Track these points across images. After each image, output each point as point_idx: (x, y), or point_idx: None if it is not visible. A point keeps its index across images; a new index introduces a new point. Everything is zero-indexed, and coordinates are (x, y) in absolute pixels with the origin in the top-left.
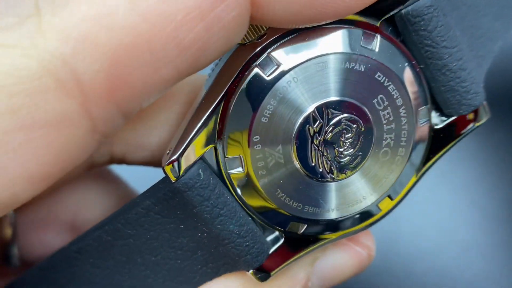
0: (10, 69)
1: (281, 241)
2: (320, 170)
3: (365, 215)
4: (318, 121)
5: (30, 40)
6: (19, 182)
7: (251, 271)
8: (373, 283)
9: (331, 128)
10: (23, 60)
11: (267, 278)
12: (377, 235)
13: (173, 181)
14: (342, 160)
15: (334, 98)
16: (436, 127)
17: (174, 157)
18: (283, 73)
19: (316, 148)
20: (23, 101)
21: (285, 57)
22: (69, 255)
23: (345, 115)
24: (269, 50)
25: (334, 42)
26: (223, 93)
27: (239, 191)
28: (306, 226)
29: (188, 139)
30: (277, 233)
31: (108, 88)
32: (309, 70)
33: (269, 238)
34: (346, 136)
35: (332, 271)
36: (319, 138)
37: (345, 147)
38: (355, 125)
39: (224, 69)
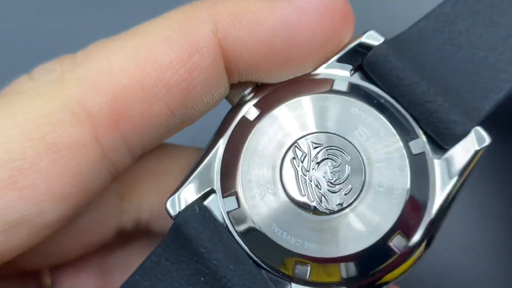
0: (40, 109)
1: None
2: (313, 201)
3: (379, 254)
4: (302, 154)
5: (55, 90)
6: (45, 198)
7: None
8: None
9: (315, 160)
10: (49, 102)
11: None
12: None
13: (173, 217)
14: (334, 190)
15: (313, 131)
16: (438, 159)
17: (173, 194)
18: (264, 115)
19: (304, 179)
20: (48, 129)
21: (267, 104)
22: None
23: (327, 145)
24: (254, 103)
25: (308, 88)
26: (219, 141)
27: (238, 227)
28: (310, 267)
29: (189, 179)
30: (287, 284)
31: (112, 118)
32: (287, 110)
33: (279, 286)
34: (333, 166)
35: None
36: (306, 169)
37: (335, 178)
38: (340, 154)
39: (220, 126)
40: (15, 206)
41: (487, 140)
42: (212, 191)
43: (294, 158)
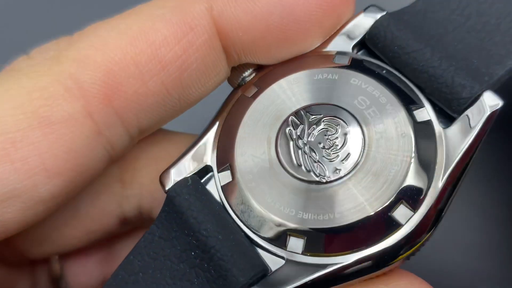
0: (34, 84)
1: (282, 263)
2: (308, 170)
3: (380, 226)
4: (300, 125)
5: (49, 66)
6: (38, 172)
7: None
8: None
9: (313, 130)
10: (42, 78)
11: None
12: None
13: (166, 191)
14: (331, 159)
15: (311, 103)
16: (446, 128)
17: (168, 169)
18: (262, 91)
19: (300, 149)
20: (41, 103)
21: (265, 80)
22: None
23: (325, 115)
24: (254, 83)
25: (309, 64)
26: (217, 120)
27: (231, 203)
28: (306, 238)
29: (185, 156)
30: (281, 262)
31: (105, 93)
32: (286, 84)
33: (272, 263)
34: (331, 135)
35: None
36: (303, 139)
37: (332, 146)
38: (338, 125)
39: (220, 107)
40: (7, 178)
41: (499, 103)
42: (208, 168)
43: (290, 128)
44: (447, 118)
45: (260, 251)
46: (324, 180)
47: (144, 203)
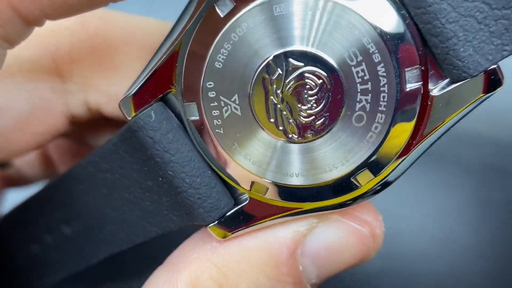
0: None
1: (245, 203)
2: (281, 128)
3: (341, 187)
4: (277, 72)
5: None
6: None
7: (210, 225)
8: (372, 284)
9: (292, 82)
10: None
11: (224, 236)
12: None
13: (128, 119)
14: (305, 119)
15: (295, 47)
16: (433, 94)
17: (126, 95)
18: (239, 13)
19: (275, 102)
20: None
21: None
22: (65, 179)
23: (308, 67)
24: None
25: None
26: (182, 34)
27: (198, 138)
28: (268, 189)
29: (143, 79)
30: (245, 195)
31: None
32: (268, 13)
33: (237, 198)
34: (310, 92)
35: (326, 251)
36: (279, 91)
37: (309, 105)
38: (320, 80)
39: (185, 10)
40: None
41: (499, 84)
42: (172, 92)
43: (267, 75)
44: (438, 75)
45: (227, 183)
46: (294, 141)
47: (90, 98)
